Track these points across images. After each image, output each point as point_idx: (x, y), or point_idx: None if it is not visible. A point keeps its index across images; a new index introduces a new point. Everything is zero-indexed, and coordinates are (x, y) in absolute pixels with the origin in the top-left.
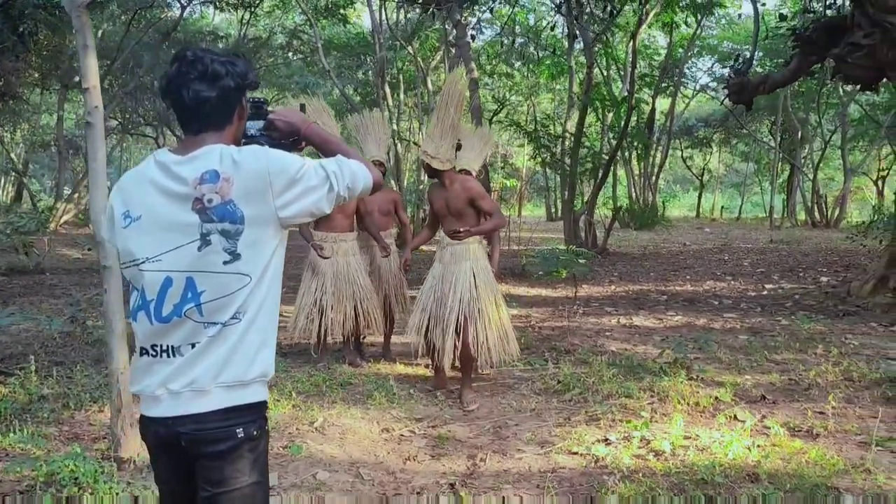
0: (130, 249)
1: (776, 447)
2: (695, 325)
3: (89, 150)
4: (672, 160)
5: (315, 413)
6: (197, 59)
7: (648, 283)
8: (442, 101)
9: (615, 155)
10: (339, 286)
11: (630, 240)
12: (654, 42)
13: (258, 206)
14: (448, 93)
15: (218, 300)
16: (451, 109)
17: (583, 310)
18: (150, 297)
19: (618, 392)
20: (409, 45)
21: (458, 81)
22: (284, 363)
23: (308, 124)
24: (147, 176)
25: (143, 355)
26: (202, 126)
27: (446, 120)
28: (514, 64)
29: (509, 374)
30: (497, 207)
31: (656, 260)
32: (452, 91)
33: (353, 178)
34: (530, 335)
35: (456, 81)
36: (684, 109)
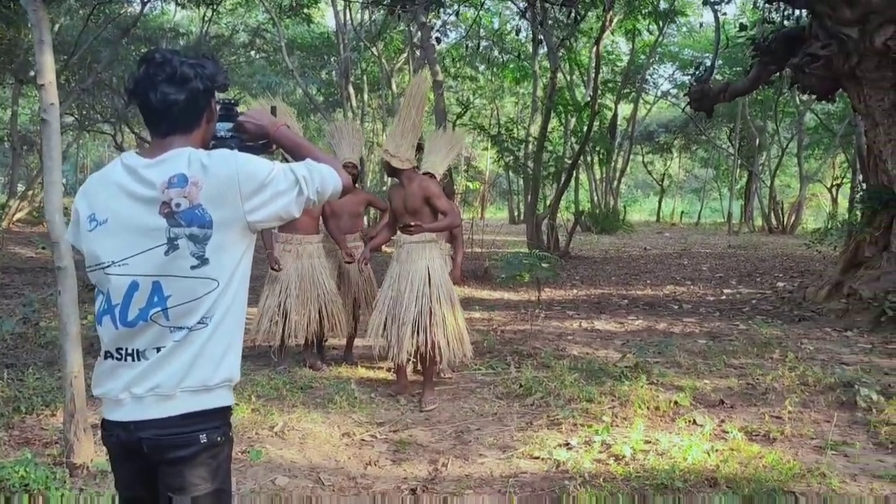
0: (96, 253)
1: (734, 451)
2: (655, 329)
3: (45, 147)
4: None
5: (275, 417)
6: (165, 61)
7: (610, 287)
8: (405, 101)
9: (578, 159)
10: (303, 288)
11: (592, 244)
12: (617, 48)
13: (227, 211)
14: (412, 94)
15: (184, 305)
16: (413, 110)
17: (545, 313)
18: (116, 301)
19: (579, 396)
20: (374, 47)
21: (422, 83)
22: (244, 366)
23: (277, 126)
24: (113, 179)
25: (108, 359)
26: (170, 129)
27: (408, 120)
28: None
29: (471, 378)
30: (452, 208)
31: (617, 264)
32: (416, 92)
33: (323, 182)
34: (492, 338)
35: (420, 83)
36: (646, 115)
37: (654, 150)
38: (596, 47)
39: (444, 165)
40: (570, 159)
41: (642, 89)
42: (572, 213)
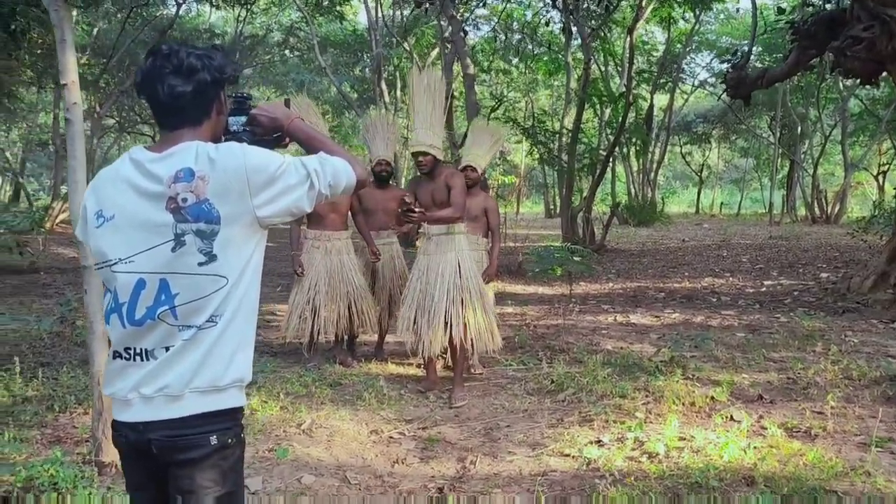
0: (103, 250)
1: (773, 449)
2: (692, 323)
3: (69, 147)
4: (671, 156)
5: (303, 415)
6: (172, 53)
7: (646, 280)
8: (423, 95)
9: (612, 151)
10: (332, 285)
11: (628, 236)
12: (653, 38)
13: (235, 206)
14: (430, 83)
15: (193, 303)
16: (436, 99)
17: (579, 307)
18: (123, 299)
19: (612, 392)
20: (405, 42)
21: (432, 75)
22: (275, 363)
23: (291, 119)
24: (121, 174)
25: (117, 358)
26: (178, 122)
27: (434, 113)
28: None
29: (502, 374)
30: (460, 203)
31: (654, 257)
32: (434, 81)
33: (336, 176)
34: (525, 334)
35: (430, 76)
36: (683, 105)
37: (692, 141)
38: (629, 37)
39: (488, 159)
40: (605, 151)
41: (679, 79)
42: (608, 206)
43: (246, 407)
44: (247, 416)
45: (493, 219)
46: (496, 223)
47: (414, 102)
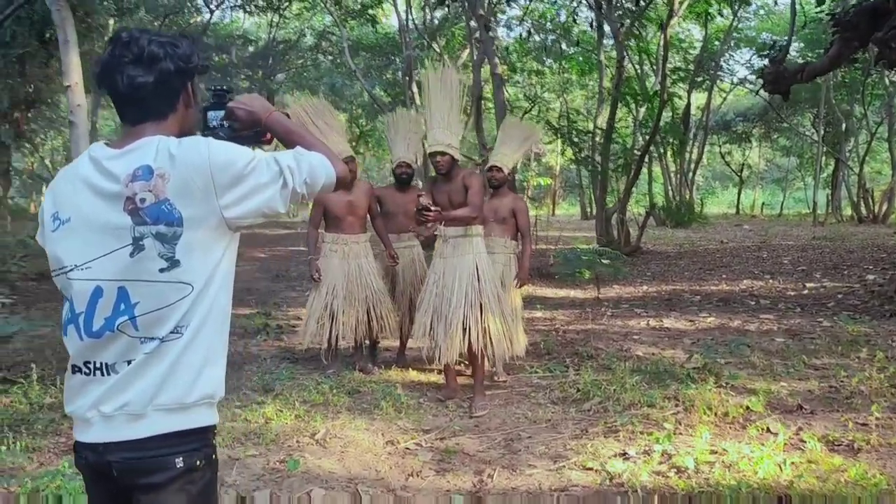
0: (58, 255)
1: (812, 464)
2: (728, 328)
3: (73, 150)
4: (710, 156)
5: (317, 424)
6: (132, 41)
7: (682, 283)
8: (445, 91)
9: (647, 151)
10: (350, 290)
11: (665, 238)
12: (689, 35)
13: (198, 206)
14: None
15: (154, 312)
16: (453, 97)
17: (611, 311)
18: (80, 309)
19: (640, 401)
20: (435, 43)
21: (450, 72)
22: (293, 370)
23: (270, 112)
24: (79, 173)
25: (76, 373)
26: (140, 115)
27: (451, 112)
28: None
29: (527, 382)
30: (478, 203)
31: (691, 259)
32: (451, 79)
33: (312, 173)
34: (553, 339)
35: (448, 72)
36: (721, 104)
37: (731, 140)
38: (663, 34)
39: (515, 159)
40: (640, 151)
41: (717, 76)
42: (645, 207)
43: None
44: (261, 424)
45: (522, 220)
46: (525, 225)
47: (430, 101)
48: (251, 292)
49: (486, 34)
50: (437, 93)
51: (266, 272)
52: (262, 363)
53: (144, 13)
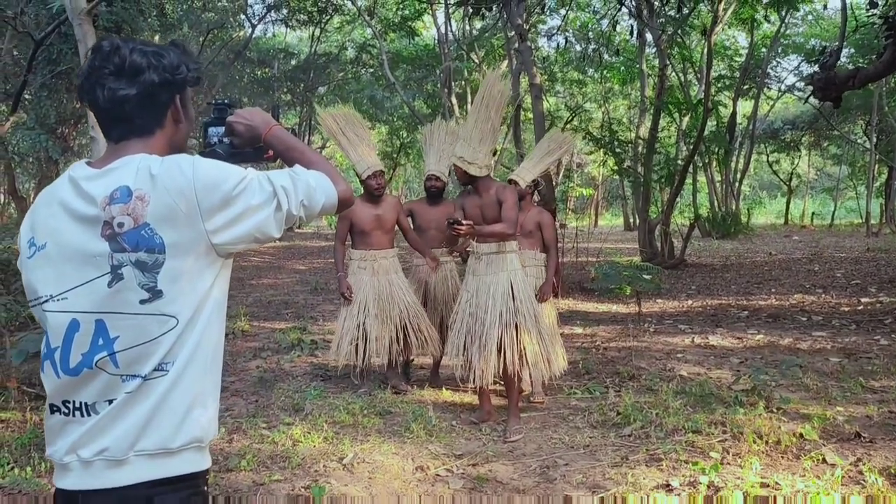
0: (33, 285)
1: (874, 500)
2: (778, 346)
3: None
4: (757, 165)
5: (346, 447)
6: (113, 51)
7: (728, 297)
8: (480, 102)
9: (691, 161)
10: (382, 307)
11: (710, 250)
12: (734, 42)
13: (182, 231)
14: (486, 93)
15: (136, 348)
16: (491, 111)
17: (654, 327)
18: (56, 343)
19: (684, 427)
20: (474, 54)
21: (496, 81)
22: (324, 388)
23: (270, 126)
24: (56, 195)
25: (55, 413)
26: (124, 132)
27: (486, 123)
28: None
29: (564, 404)
30: (513, 218)
31: (738, 271)
32: (491, 91)
33: (310, 194)
34: (593, 357)
35: (495, 81)
36: (769, 112)
37: (779, 149)
38: (707, 41)
39: (534, 173)
40: (684, 161)
41: (764, 84)
42: (688, 218)
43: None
44: (288, 447)
45: (548, 233)
46: (551, 238)
47: (471, 110)
48: (289, 305)
49: (524, 44)
50: (479, 102)
51: (305, 285)
52: (293, 380)
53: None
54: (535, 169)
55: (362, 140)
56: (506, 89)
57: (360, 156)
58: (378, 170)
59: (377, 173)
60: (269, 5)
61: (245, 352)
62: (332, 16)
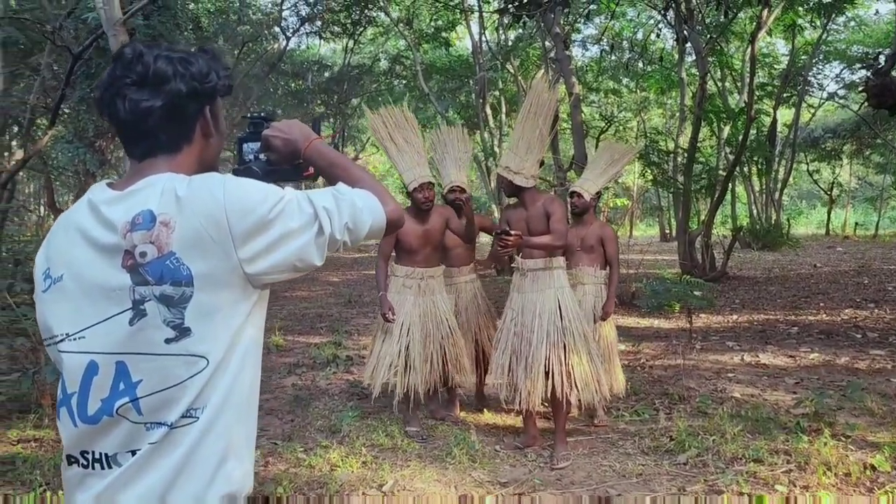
0: (48, 322)
1: None
2: (835, 365)
3: None
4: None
5: (385, 473)
6: (135, 58)
7: (776, 312)
8: (528, 111)
9: (733, 170)
10: (426, 330)
11: (753, 262)
12: (774, 49)
13: (212, 261)
14: (534, 102)
15: (161, 393)
16: (539, 120)
17: (700, 344)
18: (72, 388)
19: (744, 455)
20: (509, 64)
21: (544, 90)
22: (361, 408)
23: (310, 140)
24: (74, 221)
25: (73, 464)
26: (148, 149)
27: (533, 131)
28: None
29: (613, 427)
30: (562, 231)
31: (783, 284)
32: (539, 100)
33: (356, 216)
34: (640, 377)
35: (542, 90)
36: (810, 120)
37: (820, 157)
38: (750, 48)
39: (601, 183)
40: (725, 171)
41: (805, 92)
42: (730, 230)
43: None
44: (325, 472)
45: (610, 248)
46: (614, 253)
47: (518, 119)
48: (323, 319)
49: (562, 53)
50: (527, 111)
51: (339, 297)
52: (329, 399)
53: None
54: (599, 180)
55: (412, 146)
56: (554, 97)
57: (407, 165)
58: (426, 181)
59: (425, 185)
60: (304, 17)
61: (280, 368)
62: (365, 27)
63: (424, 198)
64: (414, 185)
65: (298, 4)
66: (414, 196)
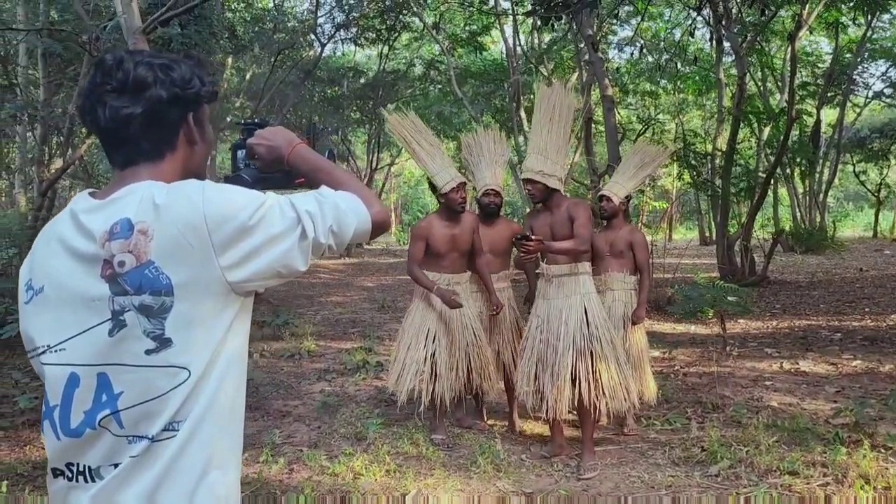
0: (30, 334)
1: None
2: (879, 373)
3: None
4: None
5: (409, 482)
6: (116, 64)
7: (818, 318)
8: (552, 112)
9: (773, 172)
10: (452, 337)
11: (795, 266)
12: (817, 48)
13: (192, 269)
14: (558, 103)
15: (142, 405)
16: (563, 123)
17: (737, 350)
18: (54, 401)
19: (779, 467)
20: (543, 67)
21: (564, 91)
22: (387, 414)
23: (294, 146)
24: (56, 231)
25: (58, 477)
26: (130, 156)
27: (558, 135)
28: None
29: (643, 436)
30: (586, 236)
31: (827, 289)
32: (561, 101)
33: (340, 218)
34: (673, 384)
35: (562, 91)
36: (855, 120)
37: (866, 158)
38: (791, 47)
39: (629, 187)
40: (765, 173)
41: (850, 91)
42: (770, 233)
43: None
44: (349, 480)
45: (640, 254)
46: (644, 259)
47: (534, 122)
48: (356, 324)
49: (595, 55)
50: (544, 114)
51: (372, 302)
52: (357, 406)
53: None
54: (629, 184)
55: (438, 149)
56: (573, 100)
57: (440, 166)
58: (462, 181)
59: (462, 185)
60: (339, 24)
61: (310, 373)
62: (400, 33)
63: (461, 198)
64: (451, 185)
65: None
66: (449, 197)
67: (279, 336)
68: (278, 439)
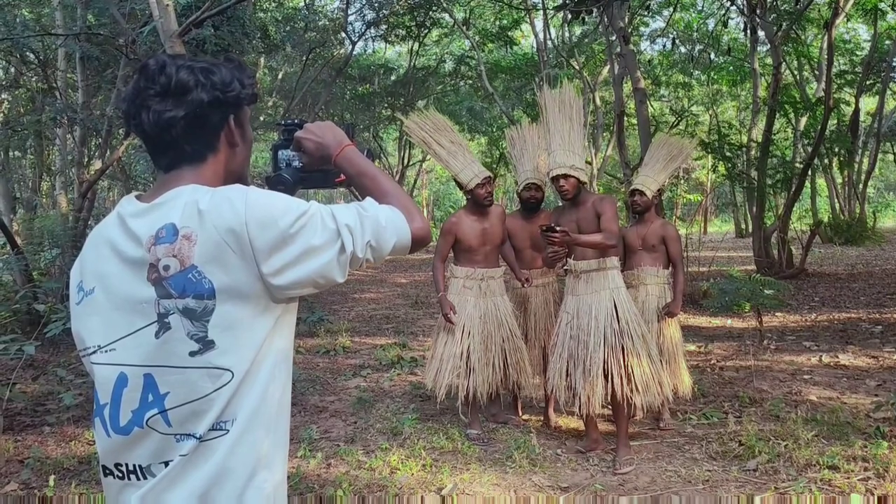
0: (81, 334)
1: None
2: None
3: None
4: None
5: (445, 477)
6: (158, 69)
7: (858, 310)
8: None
9: (811, 163)
10: (487, 333)
11: (834, 258)
12: (855, 36)
13: (234, 274)
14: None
15: (188, 405)
16: (574, 120)
17: (775, 344)
18: (104, 399)
19: (819, 462)
20: (574, 60)
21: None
22: (423, 410)
23: (343, 146)
24: (104, 234)
25: (108, 476)
26: (173, 159)
27: (574, 129)
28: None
29: (679, 431)
30: (613, 230)
31: (867, 281)
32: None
33: (379, 234)
34: (709, 378)
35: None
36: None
37: None
38: (828, 34)
39: (660, 181)
40: (802, 164)
41: (889, 79)
42: (808, 225)
43: None
44: (385, 475)
45: (673, 248)
46: (677, 253)
47: (549, 122)
48: (390, 320)
49: (626, 48)
50: (555, 113)
51: (406, 298)
52: (392, 401)
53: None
54: (659, 177)
55: (460, 146)
56: (576, 96)
57: (463, 163)
58: (487, 176)
59: (486, 180)
60: (369, 22)
61: (346, 370)
62: (430, 29)
63: (487, 192)
64: (476, 180)
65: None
66: (476, 192)
67: (314, 333)
68: (316, 435)
